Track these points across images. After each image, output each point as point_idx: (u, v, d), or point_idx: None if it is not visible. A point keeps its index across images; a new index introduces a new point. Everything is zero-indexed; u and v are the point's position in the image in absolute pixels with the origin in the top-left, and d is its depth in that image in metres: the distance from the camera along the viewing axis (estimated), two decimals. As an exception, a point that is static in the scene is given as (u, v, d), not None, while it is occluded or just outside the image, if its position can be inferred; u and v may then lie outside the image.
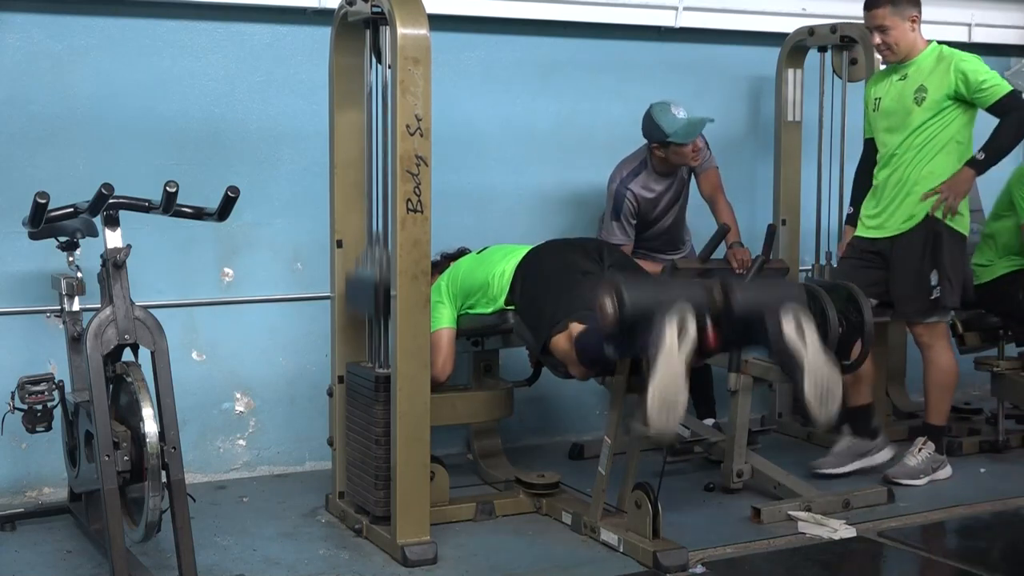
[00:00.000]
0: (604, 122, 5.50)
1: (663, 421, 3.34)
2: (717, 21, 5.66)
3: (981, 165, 4.63)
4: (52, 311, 4.37)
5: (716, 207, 5.23)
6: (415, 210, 3.73)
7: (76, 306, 4.07)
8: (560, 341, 4.00)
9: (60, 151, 4.52)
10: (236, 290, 4.86)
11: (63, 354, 4.16)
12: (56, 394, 4.00)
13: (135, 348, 3.59)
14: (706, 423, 5.18)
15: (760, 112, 5.90)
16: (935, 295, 4.67)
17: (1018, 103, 4.60)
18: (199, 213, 3.79)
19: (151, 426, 3.40)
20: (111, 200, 3.55)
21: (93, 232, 4.03)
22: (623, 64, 5.56)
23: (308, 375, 4.93)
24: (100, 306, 3.58)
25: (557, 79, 5.42)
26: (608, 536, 3.99)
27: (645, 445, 4.08)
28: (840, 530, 4.14)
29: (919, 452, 4.79)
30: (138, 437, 3.42)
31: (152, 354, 3.54)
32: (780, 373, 4.64)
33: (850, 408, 4.83)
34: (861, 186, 4.95)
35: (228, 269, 4.84)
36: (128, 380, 3.50)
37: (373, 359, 4.10)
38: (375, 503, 4.00)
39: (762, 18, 5.76)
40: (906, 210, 4.68)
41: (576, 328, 3.92)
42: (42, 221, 3.58)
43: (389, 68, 3.78)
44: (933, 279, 4.66)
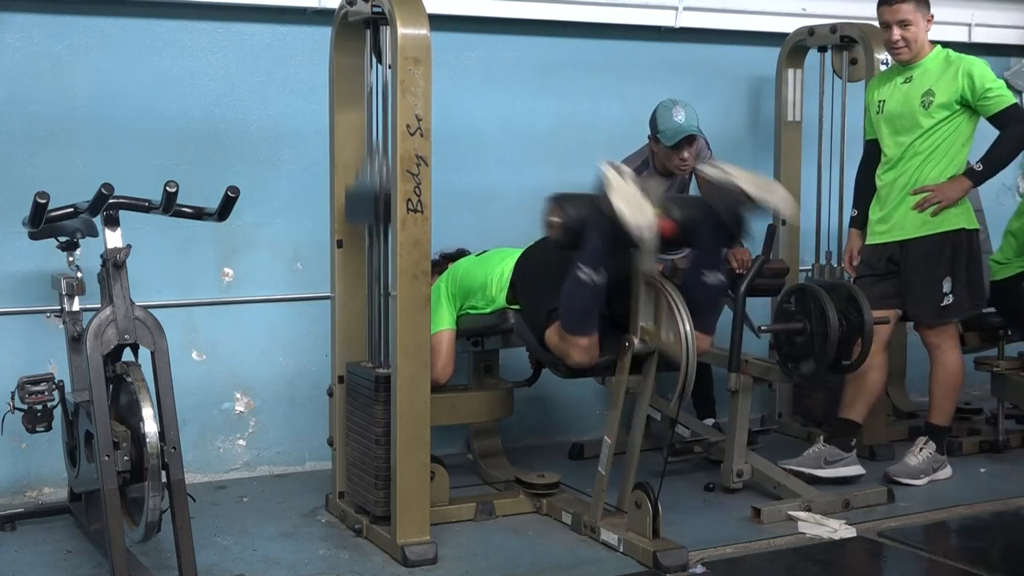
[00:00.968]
0: (604, 122, 5.50)
1: (636, 217, 3.68)
2: (717, 21, 5.66)
3: (978, 176, 4.63)
4: (52, 311, 4.37)
5: (716, 207, 5.22)
6: (415, 210, 3.73)
7: (76, 306, 4.07)
8: (552, 333, 4.01)
9: (60, 151, 4.52)
10: (236, 290, 4.86)
11: (63, 354, 4.16)
12: (56, 394, 4.00)
13: (135, 348, 3.59)
14: (706, 423, 5.18)
15: (760, 112, 5.89)
16: (946, 302, 4.66)
17: (1020, 116, 4.60)
18: (199, 213, 3.79)
19: (151, 426, 3.40)
20: (111, 200, 3.55)
21: (93, 232, 4.03)
22: (623, 64, 5.56)
23: (308, 375, 4.93)
24: (100, 306, 3.58)
25: (557, 79, 5.42)
26: (608, 536, 3.99)
27: (645, 445, 4.08)
28: (840, 530, 4.14)
29: (920, 452, 4.79)
30: (138, 437, 3.42)
31: (152, 354, 3.54)
32: (780, 373, 4.68)
33: (838, 417, 4.82)
34: (863, 188, 4.94)
35: (228, 269, 4.84)
36: (128, 380, 3.50)
37: (373, 359, 4.11)
38: (375, 503, 3.99)
39: (762, 18, 5.76)
40: (917, 215, 4.65)
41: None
42: (42, 221, 3.58)
43: (389, 68, 3.78)
44: (946, 286, 4.65)
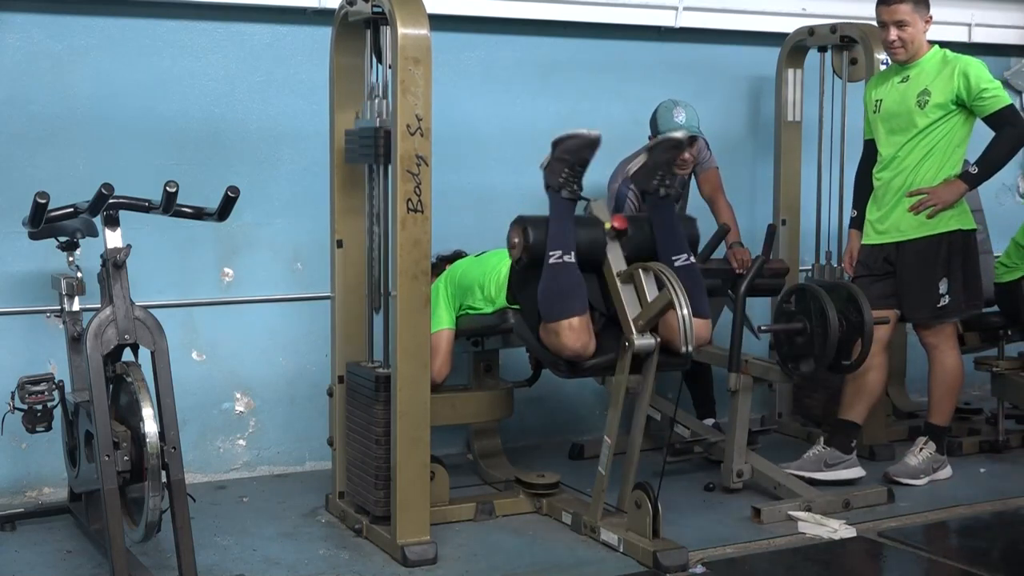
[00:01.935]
0: (604, 122, 5.41)
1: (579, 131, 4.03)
2: (717, 21, 5.66)
3: (974, 179, 4.62)
4: (52, 311, 4.37)
5: (716, 207, 5.23)
6: (415, 210, 3.73)
7: (76, 306, 4.07)
8: (543, 330, 4.00)
9: (60, 151, 4.52)
10: (236, 290, 4.86)
11: (63, 354, 4.16)
12: (56, 394, 4.00)
13: (135, 348, 3.59)
14: (706, 423, 5.18)
15: (760, 112, 5.89)
16: (942, 303, 4.66)
17: (1015, 118, 4.59)
18: (199, 213, 3.79)
19: (151, 426, 3.40)
20: (111, 200, 3.55)
21: (93, 232, 4.03)
22: (623, 64, 5.56)
23: (308, 375, 4.93)
24: (100, 306, 3.58)
25: (557, 79, 5.42)
26: (608, 536, 3.99)
27: (645, 445, 4.08)
28: (840, 530, 4.14)
29: (920, 452, 4.78)
30: (138, 437, 3.42)
31: (152, 354, 3.54)
32: (780, 373, 4.68)
33: (838, 418, 4.81)
34: (862, 188, 4.93)
35: (228, 269, 4.84)
36: (128, 380, 3.50)
37: (373, 359, 4.10)
38: (375, 503, 3.99)
39: (762, 18, 5.76)
40: (914, 216, 4.64)
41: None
42: (42, 221, 3.59)
43: (389, 68, 3.78)
44: (942, 287, 4.65)
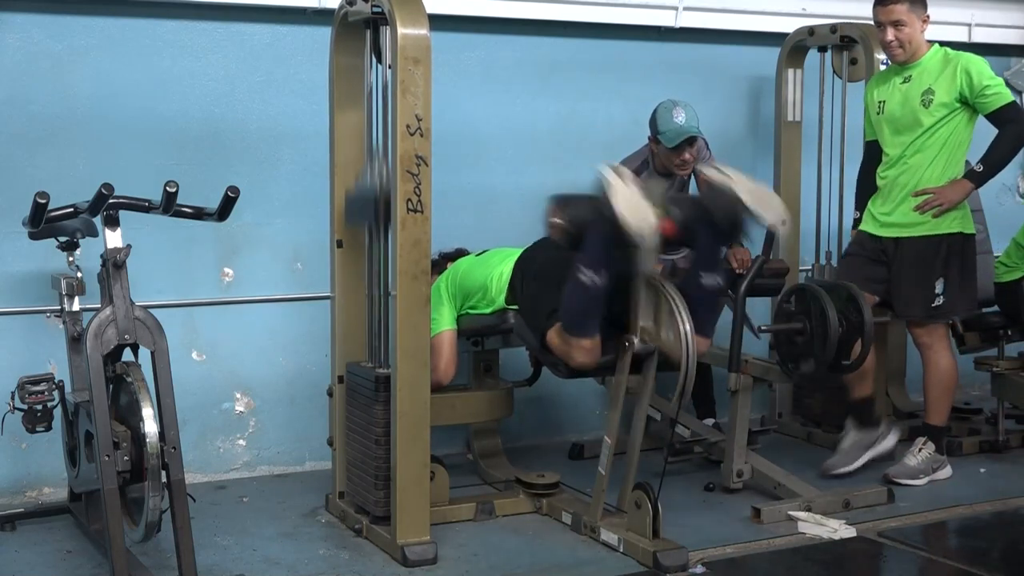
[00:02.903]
0: (604, 122, 5.50)
1: (637, 220, 3.68)
2: (717, 21, 5.66)
3: (979, 178, 4.62)
4: (52, 311, 4.37)
5: (716, 207, 5.22)
6: (415, 210, 3.73)
7: (76, 306, 4.07)
8: (554, 335, 4.00)
9: (60, 151, 4.52)
10: (236, 290, 4.86)
11: (63, 354, 4.16)
12: (56, 394, 4.00)
13: (135, 348, 3.59)
14: (706, 423, 5.18)
15: (760, 112, 5.89)
16: (937, 303, 4.66)
17: (1018, 115, 4.59)
18: (199, 213, 3.79)
19: (151, 426, 3.40)
20: (111, 200, 3.55)
21: (93, 232, 4.03)
22: (623, 64, 5.56)
23: (308, 375, 4.93)
24: (100, 306, 3.58)
25: (557, 79, 5.42)
26: (608, 536, 3.99)
27: (645, 445, 4.08)
28: (840, 530, 4.14)
29: (919, 452, 4.78)
30: (138, 437, 3.42)
31: (152, 354, 3.54)
32: (780, 373, 4.68)
33: (852, 401, 4.85)
34: (864, 189, 4.93)
35: (228, 269, 4.84)
36: (128, 380, 3.50)
37: (373, 359, 4.11)
38: (375, 503, 3.99)
39: (762, 18, 5.76)
40: (917, 214, 4.65)
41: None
42: (42, 221, 3.58)
43: (389, 68, 3.78)
44: (938, 287, 4.65)
